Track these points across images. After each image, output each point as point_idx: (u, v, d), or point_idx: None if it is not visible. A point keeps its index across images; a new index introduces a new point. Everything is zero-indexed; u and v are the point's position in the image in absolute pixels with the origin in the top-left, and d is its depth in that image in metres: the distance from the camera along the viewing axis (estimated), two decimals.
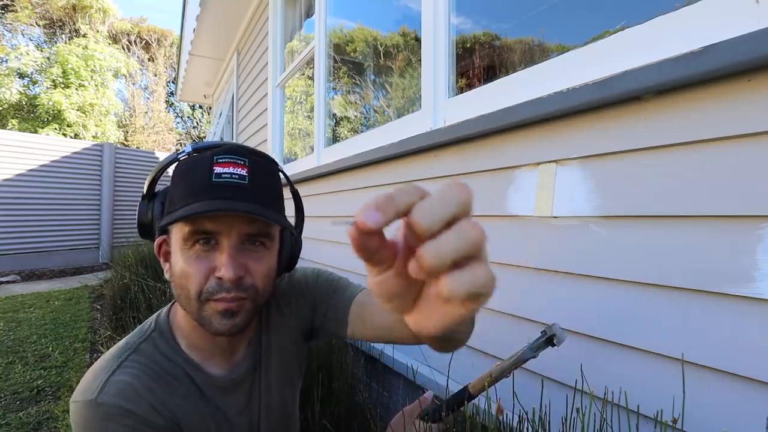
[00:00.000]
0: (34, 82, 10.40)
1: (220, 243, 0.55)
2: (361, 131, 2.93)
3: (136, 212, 0.62)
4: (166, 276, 0.60)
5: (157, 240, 0.60)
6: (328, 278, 0.77)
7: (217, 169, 0.54)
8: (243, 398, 0.67)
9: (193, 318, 0.57)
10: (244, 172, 0.55)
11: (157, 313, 0.66)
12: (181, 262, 0.55)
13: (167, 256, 0.59)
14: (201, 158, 0.57)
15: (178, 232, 0.56)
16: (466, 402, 0.74)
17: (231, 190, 0.54)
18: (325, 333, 0.76)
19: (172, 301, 0.65)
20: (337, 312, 0.72)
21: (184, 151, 0.61)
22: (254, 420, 0.68)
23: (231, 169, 0.55)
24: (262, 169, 0.58)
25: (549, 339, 0.70)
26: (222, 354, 0.65)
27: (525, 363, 0.72)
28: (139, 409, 0.54)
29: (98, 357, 2.36)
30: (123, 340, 0.62)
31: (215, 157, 0.56)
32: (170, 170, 0.65)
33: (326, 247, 1.91)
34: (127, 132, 13.14)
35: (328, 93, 2.26)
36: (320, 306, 0.74)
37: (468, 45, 1.74)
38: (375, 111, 3.43)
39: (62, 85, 10.03)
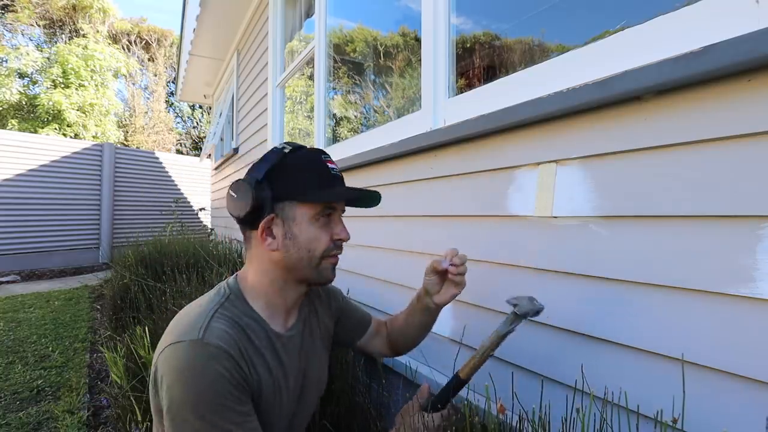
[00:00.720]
0: (34, 82, 10.39)
1: (333, 216, 0.76)
2: (361, 131, 2.93)
3: (241, 195, 0.71)
4: (269, 248, 0.72)
5: (267, 218, 0.71)
6: (348, 299, 1.04)
7: (329, 165, 0.75)
8: (295, 355, 0.79)
9: (306, 274, 0.74)
10: (337, 167, 0.78)
11: (223, 281, 0.78)
12: (311, 231, 0.72)
13: (270, 232, 0.72)
14: (311, 154, 0.75)
15: (308, 209, 0.72)
16: (455, 388, 0.78)
17: (341, 179, 0.78)
18: (338, 339, 0.99)
19: (235, 273, 0.80)
20: (357, 326, 1.01)
21: (285, 147, 0.75)
22: (300, 376, 0.80)
23: (334, 165, 0.77)
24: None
25: (519, 315, 0.76)
26: (285, 314, 0.79)
27: (504, 339, 0.75)
28: (235, 353, 0.63)
29: (98, 357, 2.37)
30: (203, 299, 0.73)
31: (322, 156, 0.75)
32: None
33: None
34: (127, 132, 13.13)
35: (328, 93, 2.26)
36: (343, 317, 0.99)
37: (468, 45, 1.74)
38: (375, 111, 3.43)
39: (62, 85, 10.03)
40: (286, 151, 0.73)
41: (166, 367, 0.61)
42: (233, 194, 0.73)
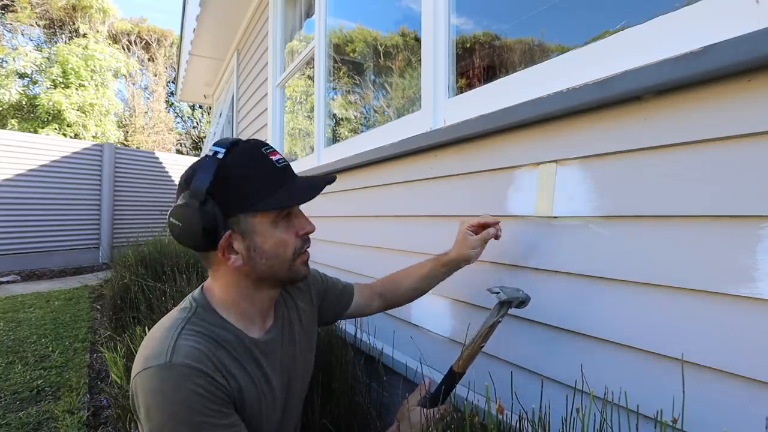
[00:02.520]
0: (34, 82, 10.39)
1: (291, 212, 0.71)
2: (361, 131, 2.93)
3: (187, 221, 0.63)
4: (233, 264, 0.67)
5: (224, 237, 0.64)
6: (326, 277, 1.02)
7: (272, 158, 0.67)
8: (277, 355, 0.76)
9: (281, 277, 0.71)
10: (282, 156, 0.70)
11: (187, 297, 0.74)
12: (275, 237, 0.67)
13: (231, 248, 0.66)
14: (249, 154, 0.67)
15: (264, 218, 0.66)
16: (450, 381, 0.80)
17: (290, 171, 0.70)
18: (326, 318, 0.98)
19: (200, 285, 0.76)
20: (340, 299, 0.98)
21: (217, 151, 0.65)
22: (285, 374, 0.78)
23: (278, 157, 0.69)
24: None
25: (503, 302, 0.77)
26: (260, 318, 0.75)
27: (494, 329, 0.76)
28: (207, 369, 0.60)
29: (98, 357, 2.37)
30: (167, 318, 0.68)
31: (264, 149, 0.68)
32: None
33: (322, 246, 1.92)
34: (127, 132, 13.13)
35: (328, 93, 2.26)
36: (326, 297, 0.97)
37: (468, 45, 1.74)
38: (375, 111, 3.43)
39: (62, 85, 10.03)
40: (220, 156, 0.64)
41: (141, 394, 0.59)
42: (177, 222, 0.64)
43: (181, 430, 0.57)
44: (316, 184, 0.71)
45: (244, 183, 0.65)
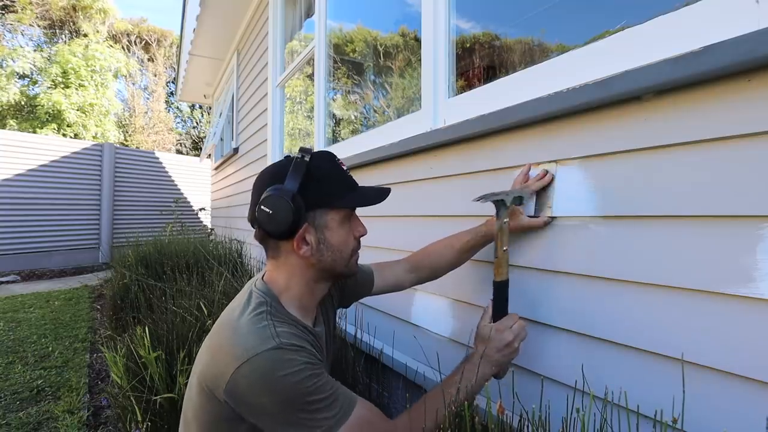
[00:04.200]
0: (34, 83, 10.38)
1: (352, 215, 0.80)
2: (361, 131, 2.93)
3: (278, 209, 0.71)
4: (304, 255, 0.74)
5: (303, 228, 0.72)
6: None
7: (344, 167, 0.78)
8: (324, 346, 0.84)
9: (340, 272, 0.78)
10: (346, 165, 0.80)
11: (248, 291, 0.77)
12: (341, 234, 0.76)
13: (305, 240, 0.74)
14: (327, 160, 0.77)
15: (337, 215, 0.75)
16: (501, 294, 0.84)
17: (354, 179, 0.80)
18: (348, 301, 1.03)
19: (254, 279, 0.82)
20: (364, 283, 1.02)
21: (301, 156, 0.74)
22: (328, 369, 0.85)
23: (345, 166, 0.79)
24: None
25: (497, 202, 0.82)
26: (312, 311, 0.82)
27: (505, 231, 0.83)
28: (308, 345, 0.68)
29: (98, 357, 2.37)
30: (244, 315, 0.71)
31: (336, 159, 0.78)
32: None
33: None
34: (127, 132, 13.12)
35: (328, 93, 2.26)
36: (348, 283, 1.00)
37: (468, 45, 1.74)
38: (375, 111, 3.43)
39: (62, 86, 10.02)
40: (306, 159, 0.74)
41: (249, 386, 0.62)
42: (268, 210, 0.70)
43: (307, 398, 0.62)
44: (382, 192, 0.81)
45: (326, 183, 0.75)
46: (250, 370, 0.62)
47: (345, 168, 0.79)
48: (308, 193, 0.72)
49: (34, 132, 9.29)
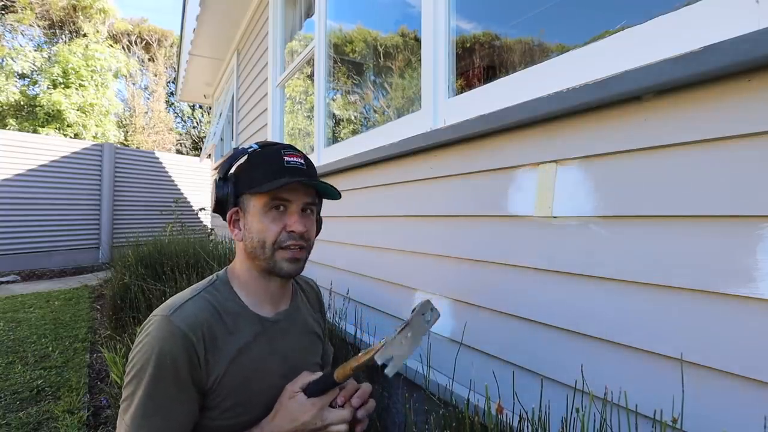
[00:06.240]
0: (34, 83, 10.38)
1: (288, 209, 0.77)
2: (361, 131, 2.93)
3: (213, 192, 0.80)
4: (236, 238, 0.79)
5: (230, 211, 0.80)
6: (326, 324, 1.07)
7: (286, 158, 0.77)
8: (281, 338, 0.83)
9: (264, 264, 0.77)
10: (302, 161, 0.79)
11: (215, 273, 0.84)
12: (262, 222, 0.76)
13: (236, 224, 0.80)
14: (271, 150, 0.79)
15: (257, 201, 0.76)
16: (327, 385, 0.72)
17: (298, 172, 0.77)
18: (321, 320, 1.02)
19: (229, 264, 0.86)
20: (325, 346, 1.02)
21: (252, 147, 0.81)
22: (286, 367, 0.82)
23: (295, 159, 0.78)
24: (309, 160, 0.83)
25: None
26: (270, 301, 0.84)
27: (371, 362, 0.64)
28: (193, 335, 0.69)
29: (98, 357, 2.37)
30: (195, 285, 0.80)
31: (282, 150, 0.78)
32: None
33: (329, 247, 1.92)
34: (127, 132, 13.12)
35: (327, 93, 2.26)
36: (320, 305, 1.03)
37: (468, 45, 1.74)
38: (375, 111, 3.42)
39: (62, 85, 10.02)
40: (250, 150, 0.81)
41: (142, 329, 0.71)
42: (211, 192, 0.80)
43: (143, 374, 0.65)
44: (289, 182, 0.74)
45: (256, 170, 0.77)
46: (147, 321, 0.71)
47: (288, 158, 0.77)
48: (239, 178, 0.79)
49: (35, 132, 9.29)
